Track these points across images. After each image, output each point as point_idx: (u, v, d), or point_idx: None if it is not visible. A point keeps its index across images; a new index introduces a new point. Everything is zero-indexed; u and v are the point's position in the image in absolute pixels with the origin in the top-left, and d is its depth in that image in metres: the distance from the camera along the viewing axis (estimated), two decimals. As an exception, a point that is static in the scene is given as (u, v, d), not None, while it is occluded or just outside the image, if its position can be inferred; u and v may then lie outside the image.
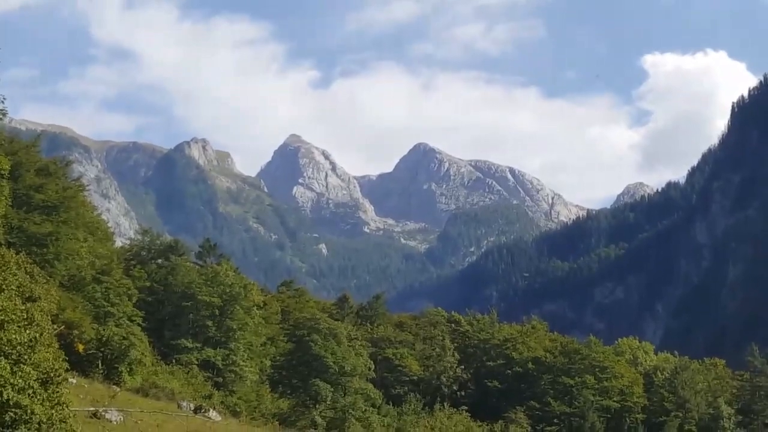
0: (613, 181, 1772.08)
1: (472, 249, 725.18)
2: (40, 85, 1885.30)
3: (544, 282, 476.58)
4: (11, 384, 31.42)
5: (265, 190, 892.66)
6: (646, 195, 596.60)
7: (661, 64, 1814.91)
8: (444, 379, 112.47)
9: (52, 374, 35.40)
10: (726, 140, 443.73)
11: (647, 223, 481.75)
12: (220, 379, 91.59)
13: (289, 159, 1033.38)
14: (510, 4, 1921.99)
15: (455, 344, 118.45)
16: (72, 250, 79.70)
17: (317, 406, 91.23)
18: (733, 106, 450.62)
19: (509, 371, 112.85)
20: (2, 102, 38.16)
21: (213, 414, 72.52)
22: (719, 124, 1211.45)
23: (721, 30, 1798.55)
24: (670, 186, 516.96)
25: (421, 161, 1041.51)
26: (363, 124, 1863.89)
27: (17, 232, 72.35)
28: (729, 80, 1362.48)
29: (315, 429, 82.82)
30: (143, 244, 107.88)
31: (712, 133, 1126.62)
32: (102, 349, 76.55)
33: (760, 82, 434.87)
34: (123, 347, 78.42)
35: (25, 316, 35.92)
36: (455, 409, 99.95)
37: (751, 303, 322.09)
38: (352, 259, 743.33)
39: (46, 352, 35.87)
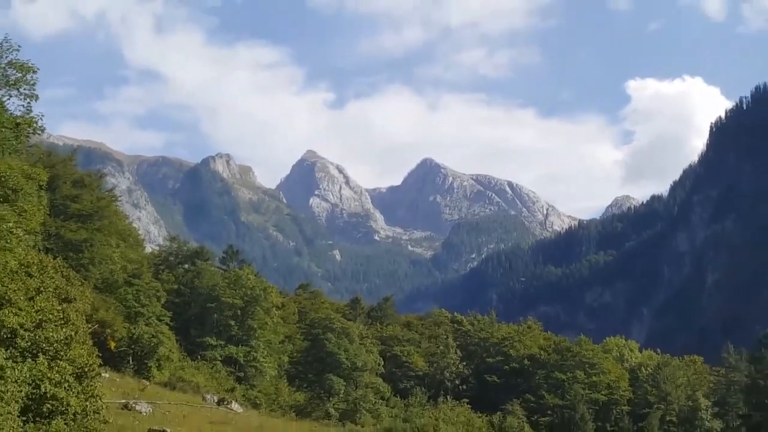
0: (602, 193, 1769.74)
1: (474, 255, 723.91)
2: (76, 104, 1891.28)
3: (539, 286, 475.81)
4: (48, 378, 31.38)
5: (284, 201, 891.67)
6: (632, 207, 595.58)
7: (642, 88, 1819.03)
8: (447, 374, 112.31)
9: (86, 369, 35.38)
10: (705, 158, 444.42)
11: (633, 233, 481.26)
12: (242, 374, 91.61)
13: (306, 172, 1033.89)
14: (510, 32, 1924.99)
15: (457, 342, 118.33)
16: (105, 256, 79.81)
17: (331, 398, 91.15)
18: (711, 127, 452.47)
19: (507, 367, 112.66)
20: (41, 119, 37.84)
21: (235, 406, 72.45)
22: (696, 143, 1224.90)
23: (698, 58, 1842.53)
24: (654, 199, 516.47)
25: (427, 175, 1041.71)
26: (374, 141, 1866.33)
27: (55, 239, 72.45)
28: (705, 103, 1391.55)
29: (329, 420, 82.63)
30: (171, 250, 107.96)
31: (689, 151, 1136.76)
32: (133, 346, 76.58)
33: (736, 104, 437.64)
34: (152, 344, 78.43)
35: (62, 316, 35.93)
36: (457, 402, 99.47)
37: (728, 306, 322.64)
38: (363, 265, 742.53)
39: (81, 349, 35.85)
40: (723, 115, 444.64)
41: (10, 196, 35.79)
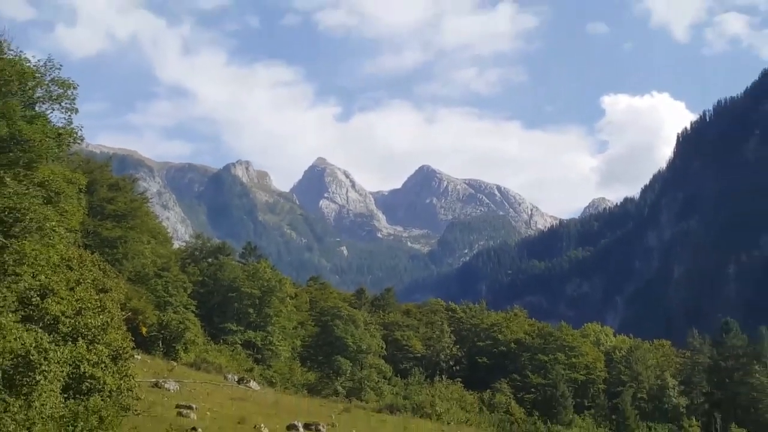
0: (580, 196, 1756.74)
1: (466, 251, 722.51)
2: (112, 116, 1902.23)
3: (524, 278, 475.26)
4: (87, 359, 31.48)
5: (297, 202, 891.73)
6: (607, 208, 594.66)
7: (616, 103, 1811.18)
8: (442, 357, 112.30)
9: (120, 352, 35.51)
10: (672, 164, 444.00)
11: (608, 231, 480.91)
12: (259, 356, 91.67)
13: (317, 177, 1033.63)
14: (498, 53, 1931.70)
15: (451, 328, 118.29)
16: (137, 251, 79.88)
17: (338, 378, 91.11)
18: (677, 137, 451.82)
19: (495, 350, 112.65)
20: (80, 130, 37.92)
21: (253, 384, 72.43)
22: (664, 151, 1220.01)
23: (666, 75, 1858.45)
24: (627, 201, 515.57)
25: (425, 180, 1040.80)
26: (377, 150, 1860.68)
27: (92, 236, 72.52)
28: (672, 116, 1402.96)
29: (337, 396, 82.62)
30: (196, 246, 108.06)
31: (658, 159, 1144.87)
32: (162, 332, 76.71)
33: (700, 117, 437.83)
34: (179, 330, 78.59)
35: (99, 305, 36.04)
36: (451, 381, 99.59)
37: (692, 296, 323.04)
38: (367, 259, 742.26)
39: (116, 334, 35.95)
40: (688, 127, 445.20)
41: (53, 198, 35.85)
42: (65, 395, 29.36)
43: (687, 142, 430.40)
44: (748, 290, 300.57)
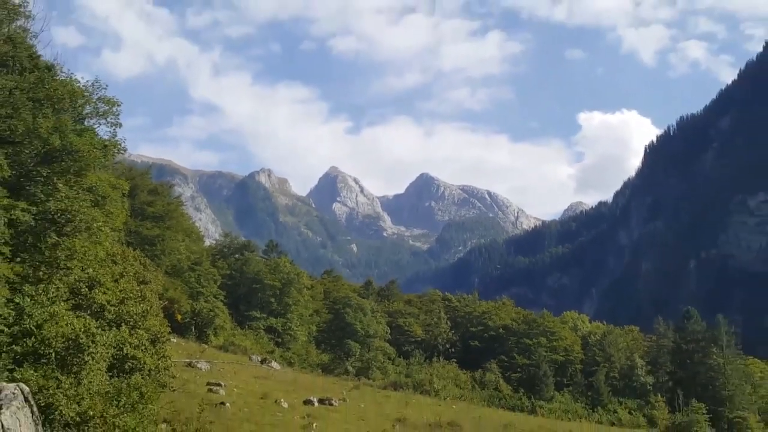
0: (560, 200, 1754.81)
1: (460, 248, 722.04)
2: (151, 130, 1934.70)
3: (511, 272, 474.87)
4: (129, 342, 31.45)
5: (313, 205, 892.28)
6: (584, 210, 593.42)
7: (591, 119, 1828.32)
8: (439, 340, 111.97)
9: (158, 336, 35.44)
10: (640, 173, 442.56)
11: (585, 231, 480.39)
12: (280, 340, 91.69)
13: (330, 183, 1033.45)
14: (488, 75, 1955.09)
15: (447, 315, 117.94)
16: (173, 248, 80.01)
17: (349, 359, 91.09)
18: (645, 149, 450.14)
19: (486, 334, 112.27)
20: (123, 142, 38.04)
21: (274, 364, 72.49)
22: (633, 161, 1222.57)
23: (634, 95, 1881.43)
24: (601, 204, 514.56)
25: (424, 186, 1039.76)
26: (383, 159, 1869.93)
27: (134, 235, 72.61)
28: (639, 131, 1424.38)
29: (347, 375, 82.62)
30: (225, 244, 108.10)
31: (628, 168, 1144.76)
32: (195, 318, 76.85)
33: (664, 131, 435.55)
34: (210, 317, 78.72)
35: (140, 295, 35.98)
36: (447, 361, 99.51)
37: (657, 288, 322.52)
38: (374, 255, 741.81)
39: (155, 320, 35.89)
40: (654, 140, 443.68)
41: (100, 202, 35.86)
42: (110, 374, 29.35)
43: (653, 153, 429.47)
44: (707, 283, 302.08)
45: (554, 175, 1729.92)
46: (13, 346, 25.49)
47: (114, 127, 38.89)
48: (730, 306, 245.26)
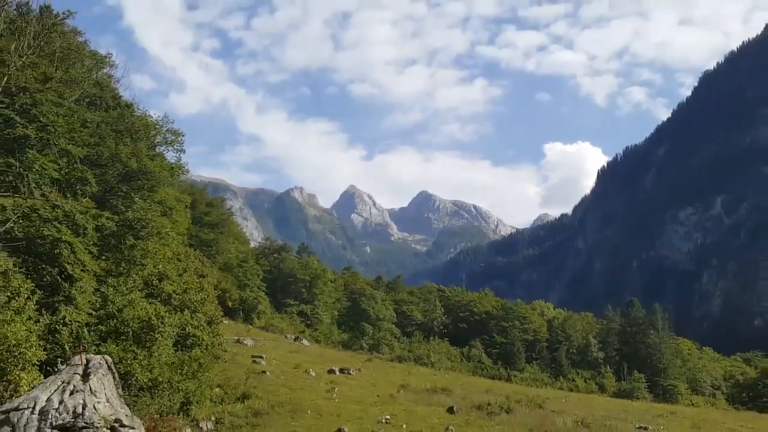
0: (530, 212, 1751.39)
1: (452, 250, 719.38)
2: (208, 156, 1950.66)
3: (493, 269, 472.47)
4: (191, 324, 31.43)
5: (336, 216, 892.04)
6: (549, 221, 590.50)
7: (553, 148, 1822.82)
8: (435, 323, 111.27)
9: (214, 318, 35.43)
10: (593, 191, 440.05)
11: (550, 237, 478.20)
12: (309, 322, 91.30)
13: (349, 198, 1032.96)
14: (474, 113, 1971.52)
15: (441, 303, 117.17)
16: (225, 249, 79.94)
17: (364, 337, 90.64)
18: (598, 172, 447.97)
19: (472, 318, 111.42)
20: (186, 165, 38.31)
21: (304, 341, 72.33)
22: (587, 182, 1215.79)
23: (589, 129, 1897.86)
24: (563, 216, 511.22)
25: (423, 201, 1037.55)
26: (391, 180, 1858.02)
27: (195, 239, 72.59)
28: (592, 158, 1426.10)
29: (362, 350, 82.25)
30: (266, 246, 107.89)
31: (584, 187, 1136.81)
32: (242, 305, 76.61)
33: (613, 158, 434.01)
34: (254, 303, 78.51)
35: (199, 286, 35.96)
36: (441, 340, 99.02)
37: (608, 283, 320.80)
38: (384, 256, 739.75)
39: (211, 306, 35.86)
40: (605, 165, 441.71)
41: (168, 212, 35.97)
42: (175, 348, 29.31)
43: (604, 175, 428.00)
44: (647, 279, 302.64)
45: (525, 193, 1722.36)
46: (99, 326, 25.57)
47: (179, 153, 39.03)
48: (665, 296, 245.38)
